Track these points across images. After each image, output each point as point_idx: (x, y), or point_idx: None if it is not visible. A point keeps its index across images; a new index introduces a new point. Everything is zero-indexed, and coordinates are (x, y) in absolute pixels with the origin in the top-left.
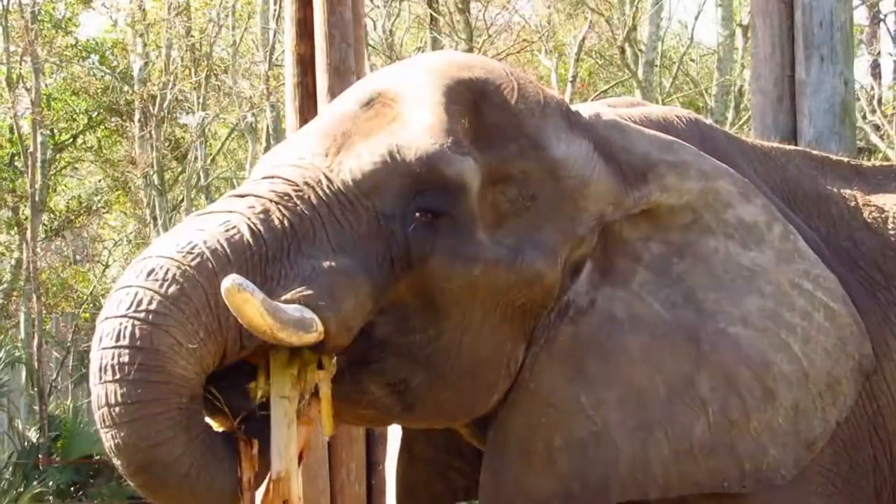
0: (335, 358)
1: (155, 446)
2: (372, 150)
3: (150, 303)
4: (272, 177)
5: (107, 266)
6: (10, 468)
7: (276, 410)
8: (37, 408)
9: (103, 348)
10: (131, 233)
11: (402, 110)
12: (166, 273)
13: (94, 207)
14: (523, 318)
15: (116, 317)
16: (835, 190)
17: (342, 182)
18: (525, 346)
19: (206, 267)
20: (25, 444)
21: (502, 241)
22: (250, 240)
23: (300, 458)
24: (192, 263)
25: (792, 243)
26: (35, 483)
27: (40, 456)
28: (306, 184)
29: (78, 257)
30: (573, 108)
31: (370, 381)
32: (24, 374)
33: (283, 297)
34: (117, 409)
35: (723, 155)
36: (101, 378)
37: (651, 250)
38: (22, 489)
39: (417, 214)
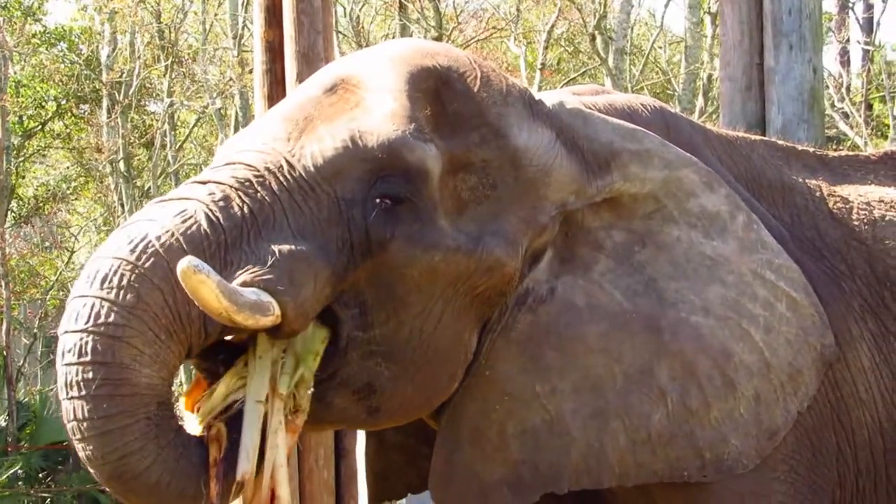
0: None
1: (124, 457)
2: (334, 134)
3: (108, 315)
4: (233, 163)
5: (72, 252)
6: None
7: (250, 413)
8: (5, 394)
9: (67, 364)
10: (98, 218)
11: (364, 96)
12: (121, 280)
13: (62, 194)
14: (482, 306)
15: (76, 331)
16: (800, 180)
17: (303, 167)
18: (478, 332)
19: (161, 266)
20: None
21: (463, 228)
22: (207, 229)
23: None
24: (147, 265)
25: (755, 233)
26: (3, 469)
27: (9, 442)
28: (267, 169)
29: (46, 244)
30: (537, 96)
31: (335, 395)
32: None
33: (240, 280)
34: (86, 423)
35: (687, 143)
36: (67, 394)
37: (613, 239)
38: None
39: (378, 200)
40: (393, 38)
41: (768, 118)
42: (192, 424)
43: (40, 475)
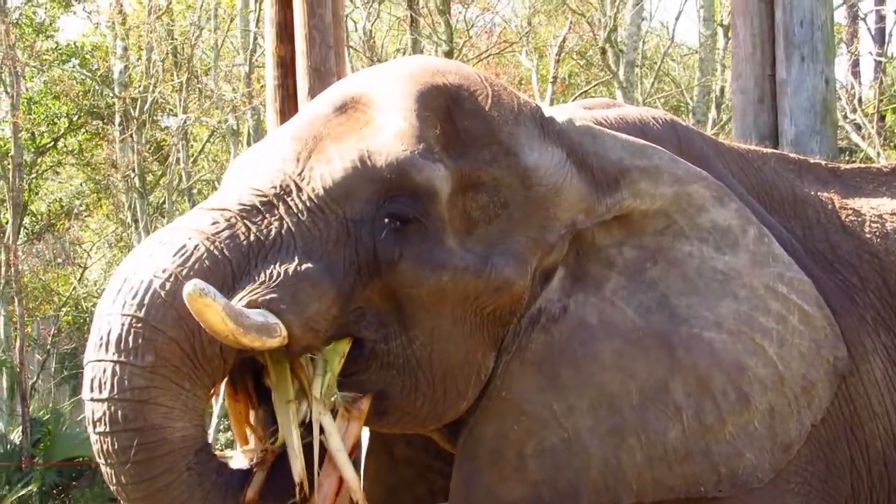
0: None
1: None
2: (343, 155)
3: (130, 379)
4: (241, 187)
5: (85, 268)
6: None
7: (283, 416)
8: (19, 410)
9: (100, 433)
10: (111, 235)
11: (374, 115)
12: (136, 339)
13: (75, 211)
14: (493, 325)
15: (102, 400)
16: (812, 193)
17: (312, 189)
18: (495, 353)
19: (171, 316)
20: (8, 446)
21: (471, 248)
22: (210, 265)
23: (351, 452)
24: (157, 318)
25: (766, 246)
26: (18, 486)
27: (23, 458)
28: (275, 192)
29: (59, 260)
30: (547, 114)
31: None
32: (4, 377)
33: (245, 301)
34: (131, 487)
35: (699, 157)
36: (107, 461)
37: (624, 256)
38: (5, 492)
39: (387, 220)
40: (405, 52)
41: (781, 130)
42: (241, 459)
43: (54, 491)
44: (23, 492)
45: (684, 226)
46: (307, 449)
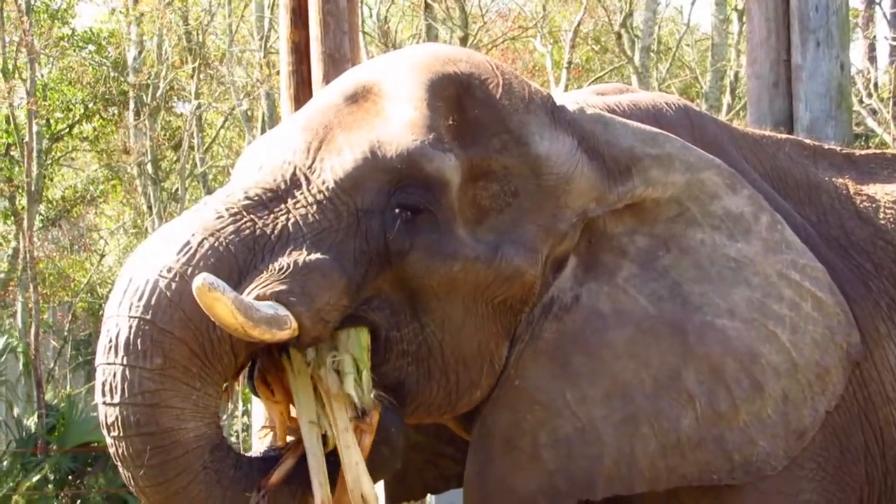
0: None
1: None
2: (353, 145)
3: (140, 383)
4: (249, 178)
5: (103, 255)
6: (9, 457)
7: (307, 436)
8: (34, 397)
9: (114, 437)
10: (127, 222)
11: (385, 105)
12: (144, 341)
13: (90, 197)
14: (505, 315)
15: (114, 405)
16: (826, 178)
17: (322, 181)
18: (508, 343)
19: (178, 317)
20: (23, 433)
21: (482, 237)
22: (215, 262)
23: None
24: (164, 319)
25: (779, 233)
26: (33, 472)
27: (38, 444)
28: (284, 183)
29: (75, 247)
30: (559, 102)
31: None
32: (21, 363)
33: (254, 294)
34: (148, 490)
35: (712, 142)
36: (123, 465)
37: (636, 244)
38: (20, 478)
39: (397, 210)
40: (419, 38)
41: (796, 115)
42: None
43: (69, 477)
44: (37, 477)
45: (696, 213)
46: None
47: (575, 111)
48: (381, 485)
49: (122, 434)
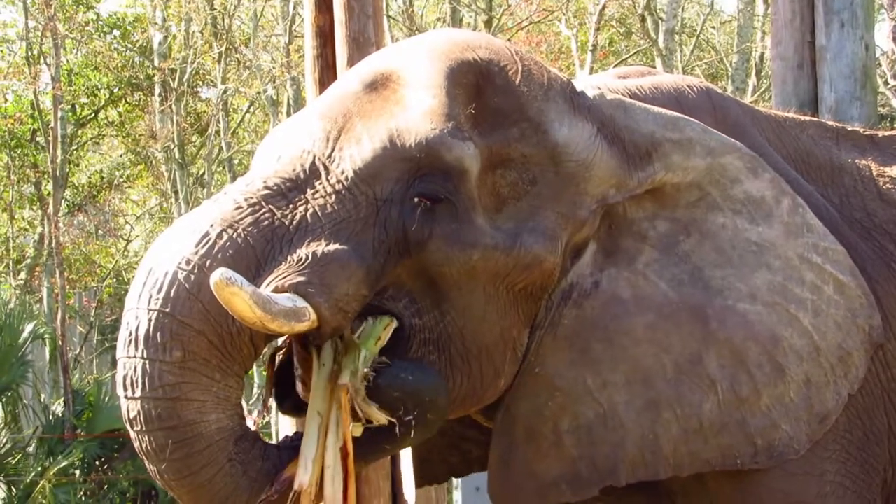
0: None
1: (223, 501)
2: (372, 134)
3: (160, 376)
4: (268, 167)
5: (129, 240)
6: (36, 442)
7: (310, 424)
8: (61, 383)
9: (137, 432)
10: (153, 207)
11: (404, 93)
12: (163, 335)
13: (116, 182)
14: (526, 302)
15: (136, 398)
16: (849, 160)
17: (340, 170)
18: (529, 330)
19: (197, 309)
20: (50, 418)
21: (501, 225)
22: (234, 254)
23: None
24: (184, 312)
25: (801, 216)
26: (60, 457)
27: (65, 430)
28: (303, 173)
29: (100, 232)
30: (578, 88)
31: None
32: (47, 349)
33: (272, 287)
34: (174, 483)
35: (734, 125)
36: (148, 459)
37: (657, 229)
38: (48, 463)
39: (416, 200)
40: (444, 21)
41: (820, 96)
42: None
43: (97, 463)
44: (65, 463)
45: (717, 197)
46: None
47: (594, 97)
48: (408, 469)
49: (144, 428)
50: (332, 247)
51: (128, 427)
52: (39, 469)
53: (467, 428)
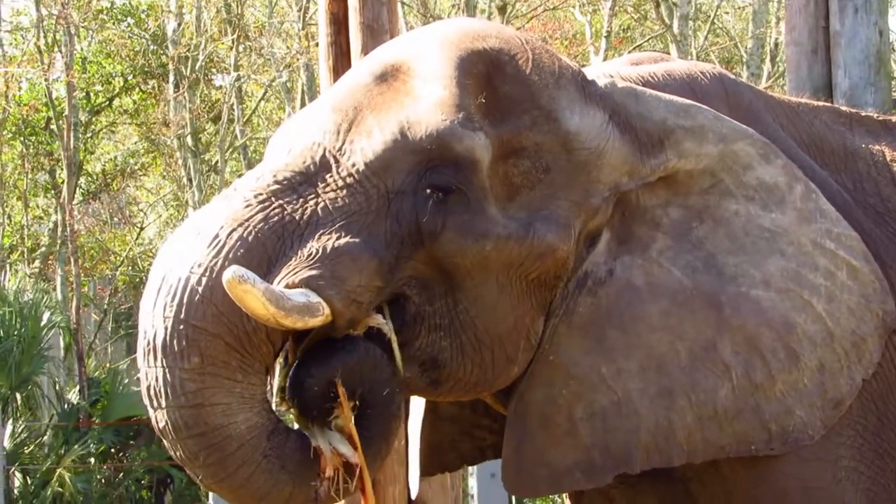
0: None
1: (264, 498)
2: (382, 127)
3: (182, 385)
4: (279, 161)
5: (142, 228)
6: (51, 431)
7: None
8: (76, 370)
9: (170, 442)
10: (167, 194)
11: (414, 84)
12: (180, 342)
13: (130, 170)
14: (540, 290)
15: (161, 408)
16: (863, 145)
17: (351, 163)
18: (544, 318)
19: (212, 313)
20: (66, 406)
21: (514, 215)
22: (245, 253)
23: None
24: (198, 317)
25: (813, 202)
26: (76, 445)
27: (80, 418)
28: (313, 166)
29: (115, 220)
30: (589, 76)
31: (405, 367)
32: (62, 337)
33: (284, 282)
34: (215, 486)
35: (748, 110)
36: (186, 466)
37: (670, 216)
38: (63, 451)
39: (428, 191)
40: (459, 8)
41: (835, 82)
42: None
43: (112, 450)
44: (81, 451)
45: (730, 184)
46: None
47: (606, 85)
48: (414, 456)
49: (175, 437)
50: (344, 240)
51: (162, 437)
52: (55, 457)
53: (480, 416)
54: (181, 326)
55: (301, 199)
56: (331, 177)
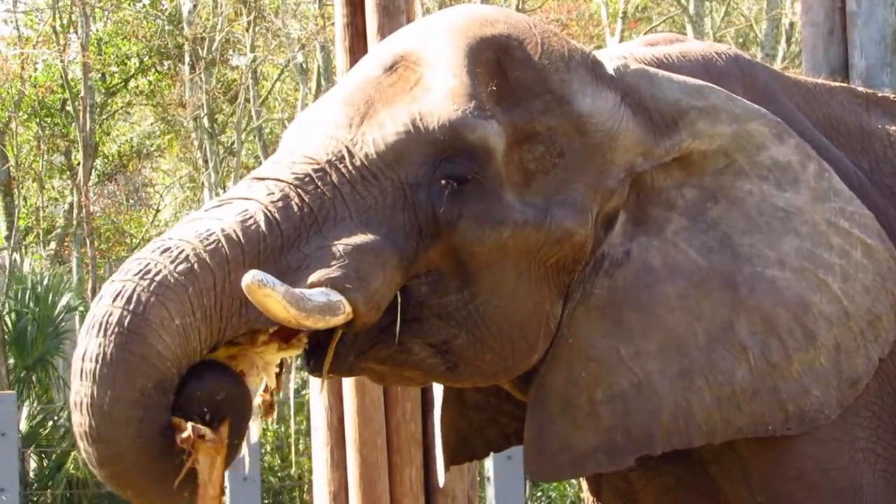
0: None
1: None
2: (395, 119)
3: (157, 273)
4: (294, 155)
5: (158, 210)
6: (67, 413)
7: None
8: None
9: (97, 304)
10: (183, 176)
11: (424, 74)
12: (181, 253)
13: (146, 151)
14: (558, 275)
15: (122, 280)
16: (879, 126)
17: (365, 155)
18: (562, 302)
19: (220, 253)
20: None
21: (530, 201)
22: (265, 230)
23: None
24: (208, 248)
25: (827, 181)
26: None
27: None
28: (328, 161)
29: (131, 201)
30: (599, 59)
31: (412, 342)
32: (77, 319)
33: (308, 282)
34: (92, 389)
35: (763, 91)
36: (87, 332)
37: (685, 196)
38: None
39: (443, 182)
40: None
41: (851, 62)
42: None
43: None
44: None
45: (744, 164)
46: None
47: (618, 66)
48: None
49: (109, 303)
50: (364, 237)
51: (94, 302)
52: (70, 440)
53: (504, 402)
54: (190, 245)
55: (318, 191)
56: (345, 171)
